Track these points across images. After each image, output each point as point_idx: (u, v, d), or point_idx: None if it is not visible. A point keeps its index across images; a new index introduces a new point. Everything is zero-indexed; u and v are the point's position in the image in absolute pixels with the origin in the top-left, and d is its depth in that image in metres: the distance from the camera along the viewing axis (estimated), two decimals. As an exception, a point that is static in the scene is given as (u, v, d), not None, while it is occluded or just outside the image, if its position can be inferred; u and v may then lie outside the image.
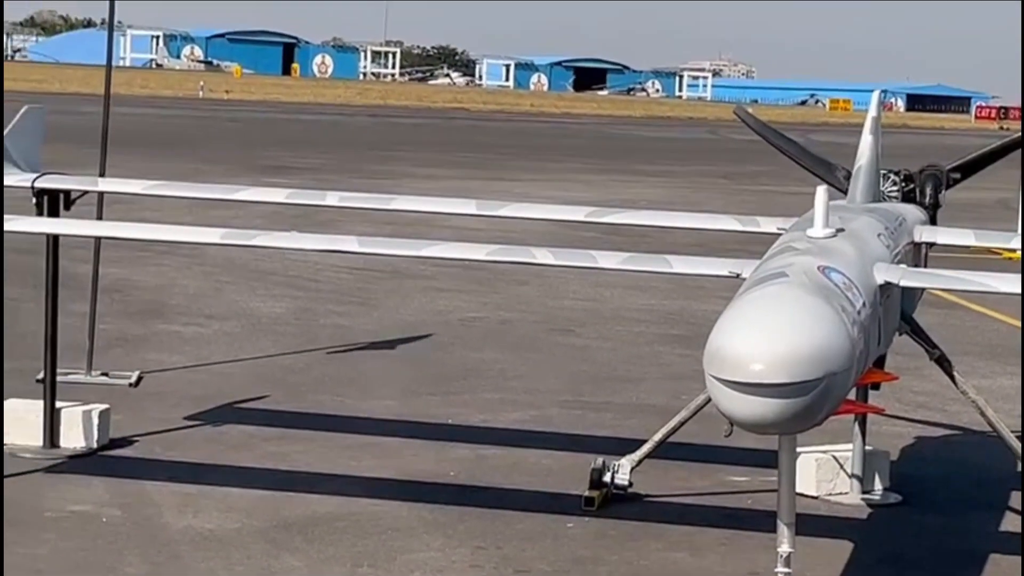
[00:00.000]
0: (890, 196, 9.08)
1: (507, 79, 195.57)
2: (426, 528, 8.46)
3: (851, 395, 6.54)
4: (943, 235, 8.73)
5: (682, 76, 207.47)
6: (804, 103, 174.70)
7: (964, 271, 7.33)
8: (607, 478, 9.05)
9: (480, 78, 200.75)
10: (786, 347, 5.69)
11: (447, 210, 10.50)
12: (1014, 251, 8.50)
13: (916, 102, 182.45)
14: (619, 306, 16.68)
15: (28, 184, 9.05)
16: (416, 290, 17.10)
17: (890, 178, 9.16)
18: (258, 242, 8.59)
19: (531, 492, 9.28)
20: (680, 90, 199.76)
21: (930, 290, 8.70)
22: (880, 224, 7.70)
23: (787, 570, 6.43)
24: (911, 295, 8.26)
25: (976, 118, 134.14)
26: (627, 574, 7.96)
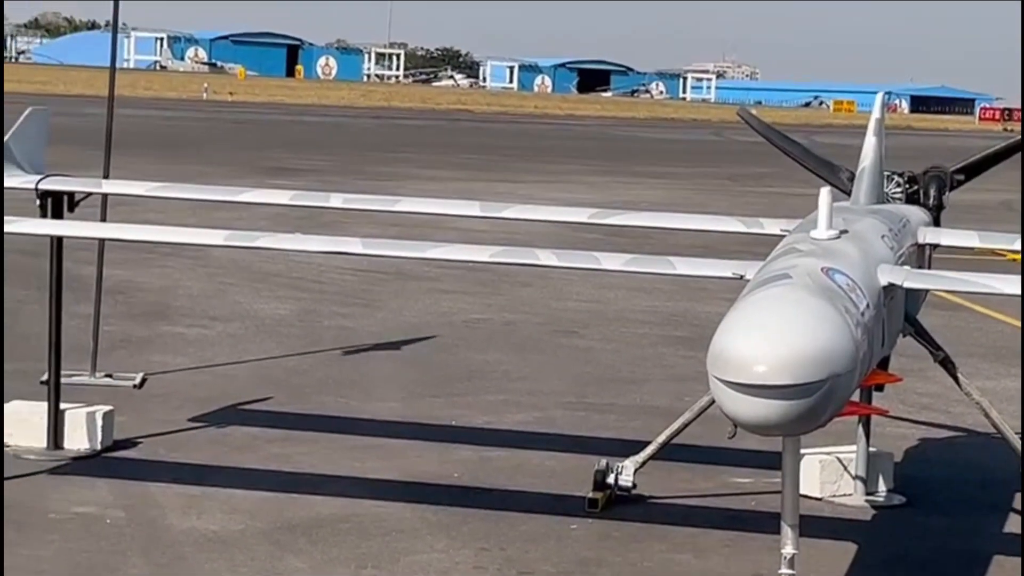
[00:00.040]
0: (894, 198, 9.06)
1: (511, 81, 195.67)
2: (430, 529, 8.46)
3: (855, 397, 6.54)
4: (947, 237, 8.71)
5: (686, 78, 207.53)
6: (808, 105, 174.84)
7: (967, 272, 7.33)
8: (611, 480, 9.04)
9: (484, 80, 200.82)
10: (790, 349, 5.68)
11: (451, 212, 10.49)
12: (1017, 253, 8.49)
13: (920, 104, 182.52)
14: (623, 308, 16.68)
15: (32, 186, 9.04)
16: (420, 292, 17.10)
17: (894, 180, 9.14)
18: (262, 244, 8.57)
19: (535, 494, 9.28)
20: (684, 92, 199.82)
21: (934, 292, 8.69)
22: (884, 226, 7.69)
23: (791, 572, 6.43)
24: (915, 297, 8.25)
25: (980, 119, 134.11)
26: (631, 576, 7.97)
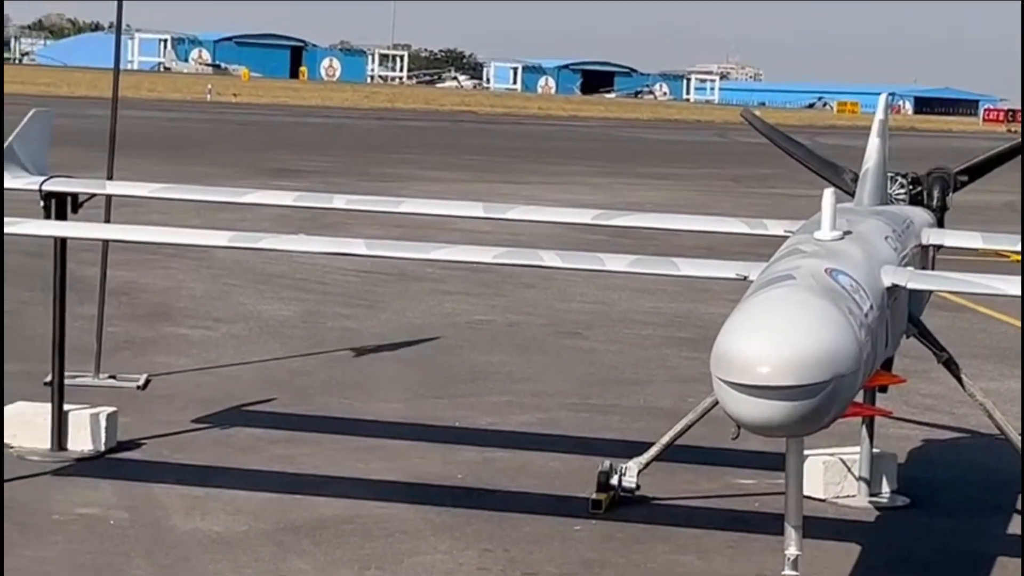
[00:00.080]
0: (897, 199, 9.06)
1: (514, 82, 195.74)
2: (433, 531, 8.45)
3: (859, 398, 6.54)
4: (950, 238, 8.71)
5: (690, 79, 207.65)
6: (812, 106, 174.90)
7: (971, 273, 7.32)
8: (614, 481, 9.04)
9: (488, 81, 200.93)
10: (793, 350, 5.68)
11: (454, 213, 10.48)
12: (1020, 254, 8.48)
13: (924, 105, 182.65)
14: (626, 309, 16.68)
15: (36, 187, 9.05)
16: (423, 293, 17.10)
17: (897, 181, 9.14)
18: (265, 245, 8.57)
19: (538, 495, 9.27)
20: (688, 93, 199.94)
21: (938, 293, 8.69)
22: (887, 227, 7.69)
23: (795, 573, 6.42)
24: (918, 298, 8.25)
25: (984, 121, 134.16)
26: (634, 577, 7.97)
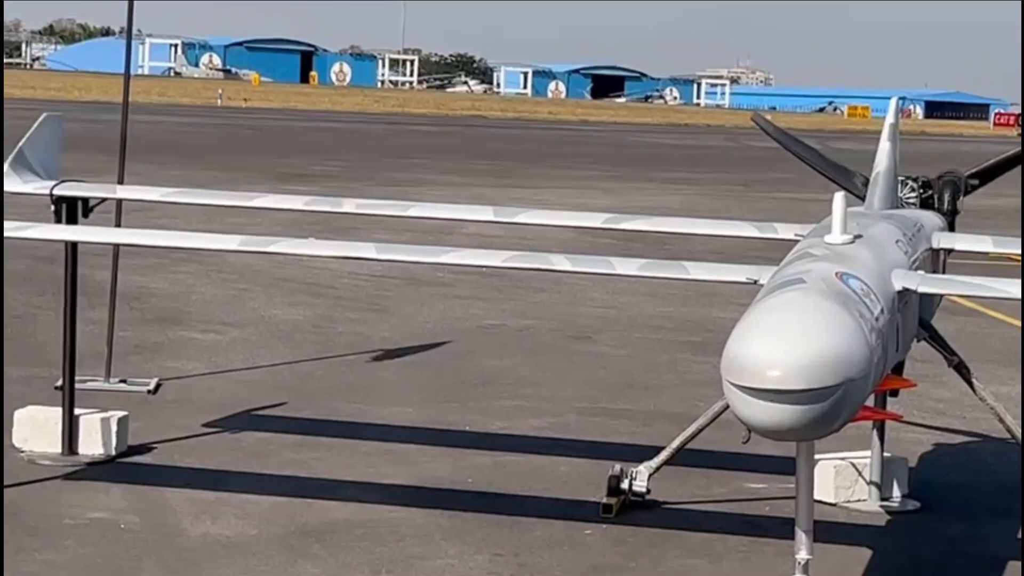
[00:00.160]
0: (908, 202, 9.05)
1: (525, 86, 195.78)
2: (444, 535, 8.45)
3: (869, 401, 6.53)
4: (961, 241, 8.70)
5: (700, 83, 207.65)
6: (822, 110, 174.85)
7: (982, 277, 7.31)
8: (625, 485, 9.03)
9: (498, 85, 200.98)
10: (804, 353, 5.67)
11: (464, 217, 10.47)
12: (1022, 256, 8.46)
13: (935, 109, 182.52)
14: (637, 313, 16.67)
15: (47, 191, 9.06)
16: (434, 297, 17.10)
17: (908, 184, 9.13)
18: (276, 249, 8.58)
19: (549, 499, 9.27)
20: (698, 97, 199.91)
21: (948, 297, 8.68)
22: (898, 230, 7.68)
23: (805, 577, 6.43)
24: (929, 301, 8.24)
25: (995, 125, 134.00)
26: (645, 581, 7.96)
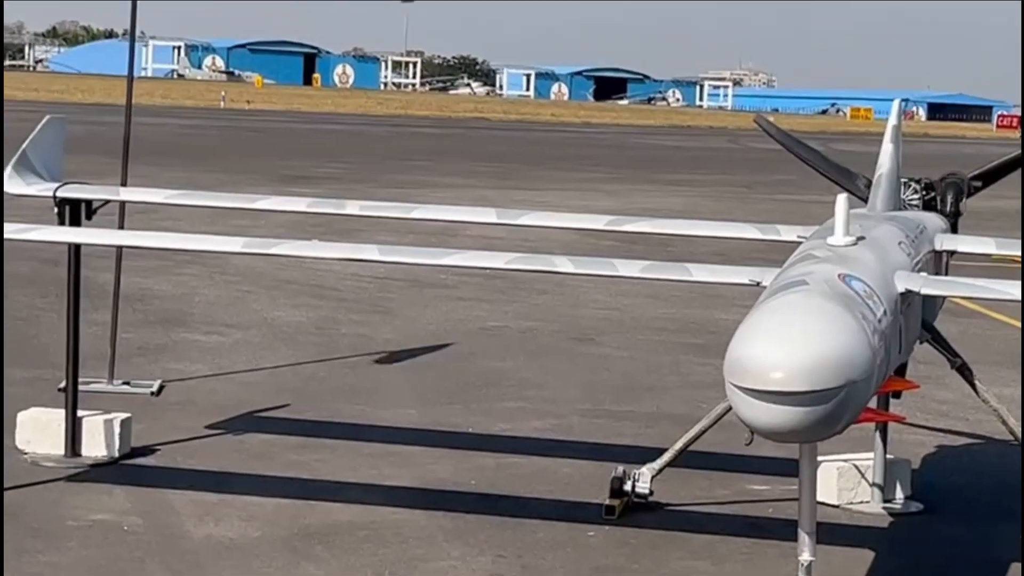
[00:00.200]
0: (911, 204, 9.05)
1: (527, 89, 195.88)
2: (446, 537, 8.45)
3: (872, 403, 6.52)
4: (964, 243, 8.69)
5: (702, 85, 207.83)
6: (825, 112, 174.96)
7: (984, 279, 7.31)
8: (628, 487, 9.03)
9: (501, 88, 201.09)
10: (806, 355, 5.67)
11: (467, 219, 10.46)
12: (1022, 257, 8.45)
13: (937, 111, 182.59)
14: (639, 315, 16.67)
15: (50, 193, 9.07)
16: (437, 299, 17.10)
17: (911, 186, 9.13)
18: (279, 251, 8.58)
19: (552, 501, 9.27)
20: (700, 99, 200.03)
21: (951, 299, 8.67)
22: (901, 232, 7.68)
23: (808, 579, 6.42)
24: (932, 303, 8.23)
25: (997, 127, 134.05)
26: (648, 583, 7.96)
